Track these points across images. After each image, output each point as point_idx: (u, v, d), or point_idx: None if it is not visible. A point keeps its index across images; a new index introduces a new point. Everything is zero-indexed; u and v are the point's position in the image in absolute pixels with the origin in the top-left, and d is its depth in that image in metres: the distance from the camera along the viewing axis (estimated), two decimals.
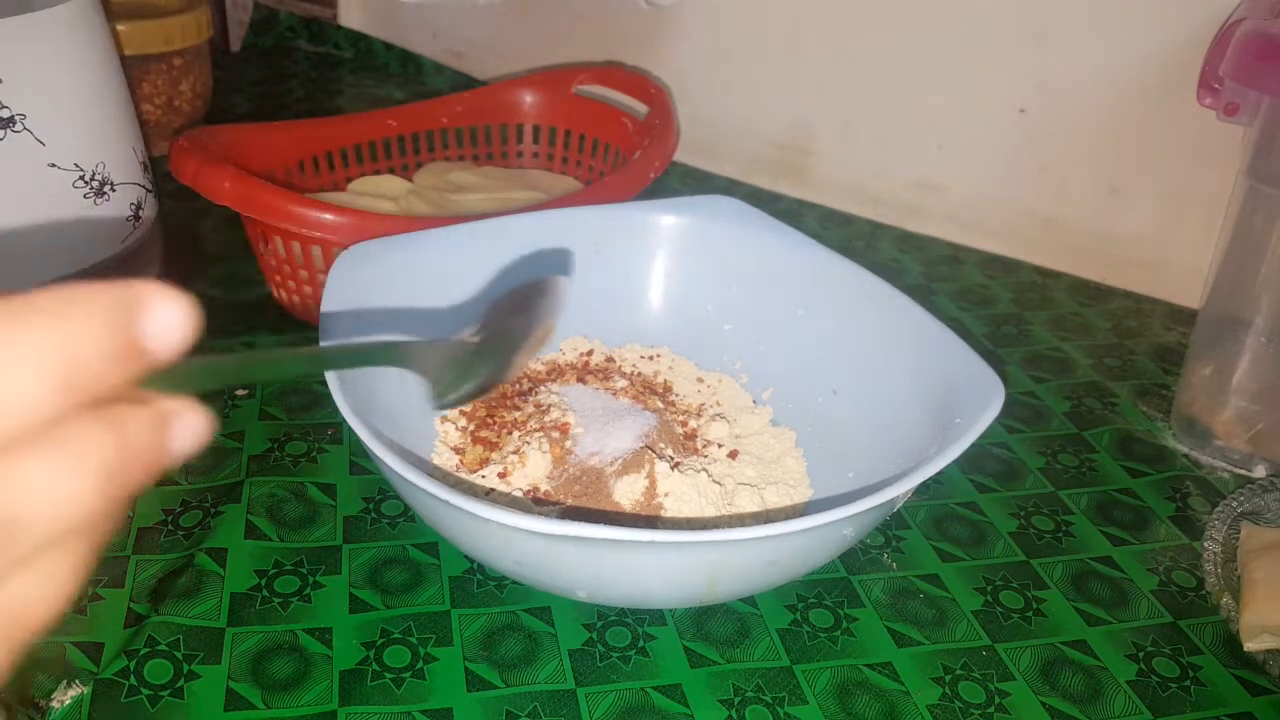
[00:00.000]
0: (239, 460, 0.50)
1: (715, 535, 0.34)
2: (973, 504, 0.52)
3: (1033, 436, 0.58)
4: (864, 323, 0.51)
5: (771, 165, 0.86)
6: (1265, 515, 0.51)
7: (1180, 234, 0.72)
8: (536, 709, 0.39)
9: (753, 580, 0.41)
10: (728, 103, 0.86)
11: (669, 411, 0.53)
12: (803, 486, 0.50)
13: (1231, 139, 0.60)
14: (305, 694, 0.39)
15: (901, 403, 0.47)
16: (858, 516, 0.36)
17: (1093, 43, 0.71)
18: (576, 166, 0.79)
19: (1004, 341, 0.67)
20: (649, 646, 0.42)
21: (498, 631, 0.42)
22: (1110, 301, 0.74)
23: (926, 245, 0.80)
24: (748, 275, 0.56)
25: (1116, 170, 0.73)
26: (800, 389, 0.54)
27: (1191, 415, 0.58)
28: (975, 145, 0.77)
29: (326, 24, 1.08)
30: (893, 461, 0.43)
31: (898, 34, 0.77)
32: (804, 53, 0.81)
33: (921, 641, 0.44)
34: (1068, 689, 0.42)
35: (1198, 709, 0.42)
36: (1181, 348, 0.67)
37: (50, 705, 0.37)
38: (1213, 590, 0.47)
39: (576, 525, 0.33)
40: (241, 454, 0.50)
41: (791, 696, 0.41)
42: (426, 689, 0.39)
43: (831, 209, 0.84)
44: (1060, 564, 0.49)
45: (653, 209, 0.57)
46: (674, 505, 0.45)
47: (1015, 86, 0.74)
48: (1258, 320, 0.55)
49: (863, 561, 0.48)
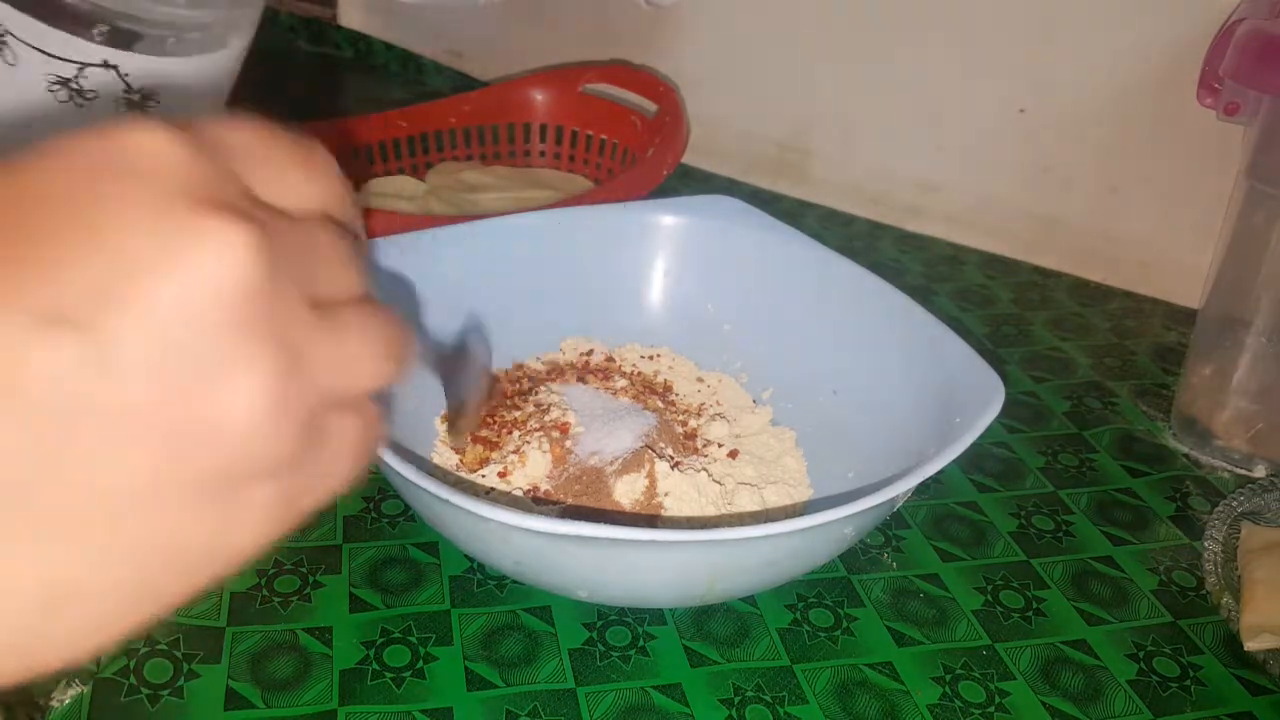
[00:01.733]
0: None
1: (715, 535, 0.34)
2: (973, 504, 0.52)
3: (1033, 436, 0.58)
4: (864, 323, 0.51)
5: (771, 165, 0.86)
6: (1265, 515, 0.51)
7: (1180, 234, 0.72)
8: (536, 708, 0.39)
9: (753, 580, 0.41)
10: (728, 103, 0.86)
11: (669, 411, 0.53)
12: (802, 486, 0.50)
13: (1231, 139, 0.60)
14: (305, 693, 0.39)
15: (901, 403, 0.47)
16: (858, 516, 0.36)
17: (1093, 43, 0.71)
18: (584, 165, 0.79)
19: (1004, 341, 0.67)
20: (649, 646, 0.42)
21: (498, 631, 0.42)
22: (1110, 301, 0.74)
23: (926, 245, 0.80)
24: (748, 275, 0.56)
25: (1116, 170, 0.73)
26: (800, 389, 0.54)
27: (1191, 415, 0.58)
28: (975, 145, 0.77)
29: (326, 24, 1.08)
30: (893, 461, 0.43)
31: (898, 34, 0.77)
32: (804, 53, 0.81)
33: (922, 641, 0.44)
34: (1068, 688, 0.42)
35: (1198, 709, 0.42)
36: (1181, 348, 0.67)
37: (50, 704, 0.37)
38: (1213, 590, 0.47)
39: (577, 524, 0.33)
40: None
41: (791, 696, 0.41)
42: (426, 688, 0.39)
43: (831, 209, 0.84)
44: (1060, 564, 0.49)
45: (653, 209, 0.57)
46: (674, 505, 0.45)
47: (1015, 86, 0.74)
48: (1258, 320, 0.55)
49: (863, 561, 0.48)
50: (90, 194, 0.16)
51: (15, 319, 0.15)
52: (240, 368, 0.16)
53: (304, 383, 0.17)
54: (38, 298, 0.15)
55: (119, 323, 0.15)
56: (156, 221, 0.16)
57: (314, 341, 0.18)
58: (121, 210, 0.16)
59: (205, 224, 0.16)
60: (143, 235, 0.16)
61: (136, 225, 0.16)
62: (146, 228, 0.16)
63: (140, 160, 0.16)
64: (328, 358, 0.18)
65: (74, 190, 0.16)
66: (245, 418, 0.16)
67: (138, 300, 0.15)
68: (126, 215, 0.16)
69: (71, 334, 0.15)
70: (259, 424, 0.17)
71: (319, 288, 0.18)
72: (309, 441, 0.18)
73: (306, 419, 0.18)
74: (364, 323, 0.19)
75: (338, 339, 0.18)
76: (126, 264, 0.15)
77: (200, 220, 0.16)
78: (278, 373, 0.17)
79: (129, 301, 0.15)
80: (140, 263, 0.16)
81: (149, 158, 0.16)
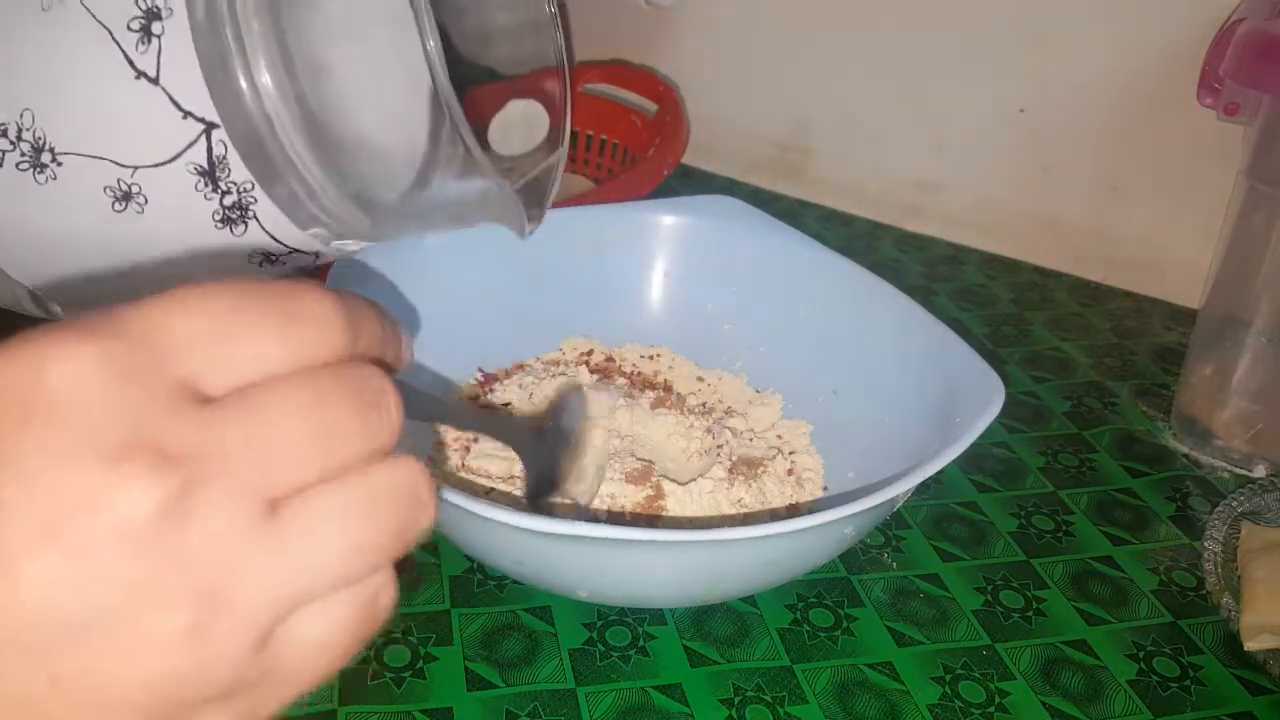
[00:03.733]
0: None
1: (715, 535, 0.34)
2: (973, 504, 0.52)
3: (1033, 436, 0.58)
4: (864, 323, 0.51)
5: (771, 165, 0.86)
6: (1265, 515, 0.51)
7: (1180, 234, 0.72)
8: (536, 708, 0.39)
9: (753, 580, 0.41)
10: (728, 103, 0.86)
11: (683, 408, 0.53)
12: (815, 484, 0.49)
13: (1231, 139, 0.60)
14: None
15: (901, 403, 0.47)
16: (858, 516, 0.36)
17: (1093, 43, 0.71)
18: (584, 165, 0.79)
19: (1004, 341, 0.67)
20: (649, 646, 0.42)
21: (498, 631, 0.42)
22: (1110, 301, 0.74)
23: (926, 245, 0.80)
24: (748, 275, 0.56)
25: (1116, 170, 0.73)
26: (800, 389, 0.54)
27: (1191, 415, 0.58)
28: (975, 145, 0.77)
29: None
30: (893, 461, 0.43)
31: (898, 34, 0.77)
32: (804, 53, 0.81)
33: (922, 641, 0.44)
34: (1068, 688, 0.42)
35: (1198, 709, 0.42)
36: (1181, 348, 0.67)
37: None
38: (1213, 590, 0.47)
39: (577, 524, 0.33)
40: None
41: (791, 696, 0.41)
42: (426, 688, 0.39)
43: (831, 209, 0.84)
44: (1060, 564, 0.49)
45: (653, 209, 0.57)
46: (675, 505, 0.45)
47: (1015, 86, 0.74)
48: (1258, 320, 0.55)
49: (863, 561, 0.48)
50: (16, 441, 0.16)
51: None
52: (153, 615, 0.17)
53: (233, 617, 0.17)
54: None
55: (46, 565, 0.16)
56: (73, 471, 0.16)
57: (253, 560, 0.17)
58: (42, 458, 0.16)
59: (112, 473, 0.16)
60: (61, 484, 0.16)
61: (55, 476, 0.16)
62: (64, 477, 0.16)
63: (58, 400, 0.16)
64: (276, 571, 0.17)
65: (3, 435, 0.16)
66: (167, 660, 0.17)
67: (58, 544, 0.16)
68: (46, 463, 0.16)
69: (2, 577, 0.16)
70: (183, 664, 0.17)
71: (282, 477, 0.18)
72: (259, 661, 0.18)
73: (251, 642, 0.18)
74: (332, 515, 0.18)
75: (289, 549, 0.18)
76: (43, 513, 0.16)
77: (107, 469, 0.16)
78: (189, 621, 0.17)
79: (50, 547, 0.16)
80: (61, 510, 0.16)
81: (66, 396, 0.16)
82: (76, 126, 0.39)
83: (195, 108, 0.38)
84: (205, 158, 0.39)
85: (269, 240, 0.41)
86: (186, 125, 0.38)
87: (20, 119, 0.39)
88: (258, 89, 0.37)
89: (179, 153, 0.39)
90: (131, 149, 0.39)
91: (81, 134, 0.39)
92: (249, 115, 0.38)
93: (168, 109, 0.38)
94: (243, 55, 0.37)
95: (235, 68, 0.37)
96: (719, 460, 0.48)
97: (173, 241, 0.41)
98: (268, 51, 0.37)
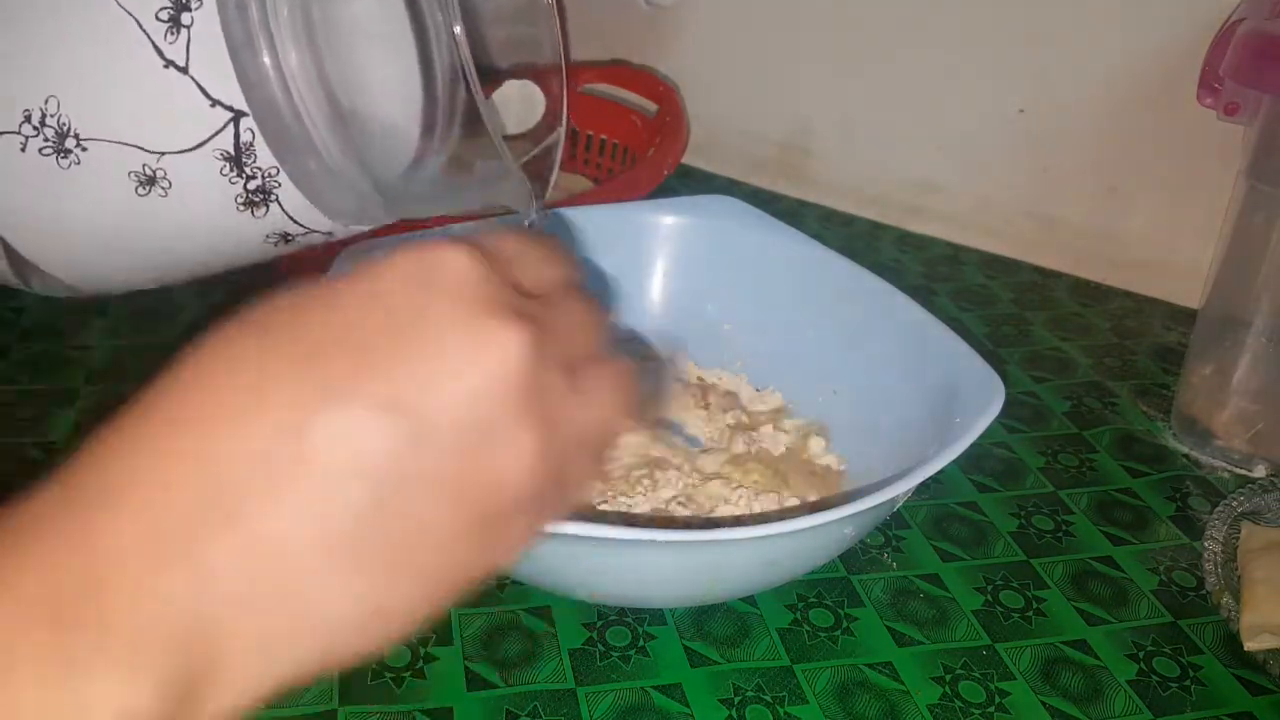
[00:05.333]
0: None
1: (715, 535, 0.34)
2: (973, 504, 0.52)
3: (1033, 436, 0.58)
4: (864, 323, 0.51)
5: (771, 165, 0.86)
6: (1265, 515, 0.51)
7: (1180, 234, 0.72)
8: (536, 708, 0.39)
9: (753, 580, 0.41)
10: (728, 103, 0.86)
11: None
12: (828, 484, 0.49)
13: (1231, 139, 0.60)
14: (305, 693, 0.39)
15: (901, 403, 0.47)
16: (858, 516, 0.36)
17: (1093, 43, 0.71)
18: (584, 165, 0.79)
19: (1004, 341, 0.67)
20: (649, 646, 0.42)
21: (498, 631, 0.42)
22: (1110, 301, 0.74)
23: (926, 245, 0.80)
24: (748, 275, 0.56)
25: (1116, 170, 0.73)
26: (800, 389, 0.54)
27: (1191, 415, 0.58)
28: (975, 145, 0.77)
29: None
30: (893, 461, 0.43)
31: (897, 34, 0.77)
32: (804, 53, 0.81)
33: (922, 641, 0.44)
34: (1068, 688, 0.42)
35: (1198, 709, 0.42)
36: (1181, 348, 0.67)
37: None
38: (1213, 590, 0.47)
39: (576, 524, 0.33)
40: None
41: (791, 696, 0.41)
42: (426, 688, 0.39)
43: (831, 209, 0.84)
44: (1060, 564, 0.49)
45: (653, 209, 0.57)
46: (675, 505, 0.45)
47: (1015, 86, 0.74)
48: (1258, 320, 0.55)
49: (863, 561, 0.48)
50: (413, 306, 0.21)
51: (360, 403, 0.20)
52: (513, 441, 0.21)
53: (557, 445, 0.22)
54: (376, 388, 0.20)
55: (437, 409, 0.20)
56: (460, 329, 0.21)
57: (568, 407, 0.23)
58: (437, 320, 0.21)
59: (494, 328, 0.21)
60: (450, 341, 0.21)
61: (447, 333, 0.21)
62: (453, 335, 0.21)
63: (447, 278, 0.21)
64: (578, 420, 0.23)
65: (402, 302, 0.21)
66: (515, 478, 0.21)
67: (449, 392, 0.20)
68: (441, 324, 0.21)
69: (404, 418, 0.20)
70: (524, 482, 0.21)
71: (573, 353, 0.23)
72: (556, 483, 0.23)
73: (556, 468, 0.22)
74: (604, 384, 0.24)
75: (585, 402, 0.23)
76: (441, 363, 0.20)
77: (490, 325, 0.21)
78: (538, 444, 0.21)
79: (444, 393, 0.20)
80: (450, 361, 0.21)
81: (453, 274, 0.21)
82: (102, 113, 0.40)
83: (224, 96, 0.39)
84: (233, 144, 0.40)
85: (288, 221, 0.42)
86: (215, 113, 0.39)
87: (45, 105, 0.40)
88: (284, 73, 0.38)
89: (206, 139, 0.40)
90: (158, 135, 0.40)
91: (107, 121, 0.40)
92: (277, 102, 0.39)
93: (196, 98, 0.39)
94: (269, 39, 0.38)
95: (263, 51, 0.38)
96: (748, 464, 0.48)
97: (192, 223, 0.42)
98: (294, 35, 0.38)
